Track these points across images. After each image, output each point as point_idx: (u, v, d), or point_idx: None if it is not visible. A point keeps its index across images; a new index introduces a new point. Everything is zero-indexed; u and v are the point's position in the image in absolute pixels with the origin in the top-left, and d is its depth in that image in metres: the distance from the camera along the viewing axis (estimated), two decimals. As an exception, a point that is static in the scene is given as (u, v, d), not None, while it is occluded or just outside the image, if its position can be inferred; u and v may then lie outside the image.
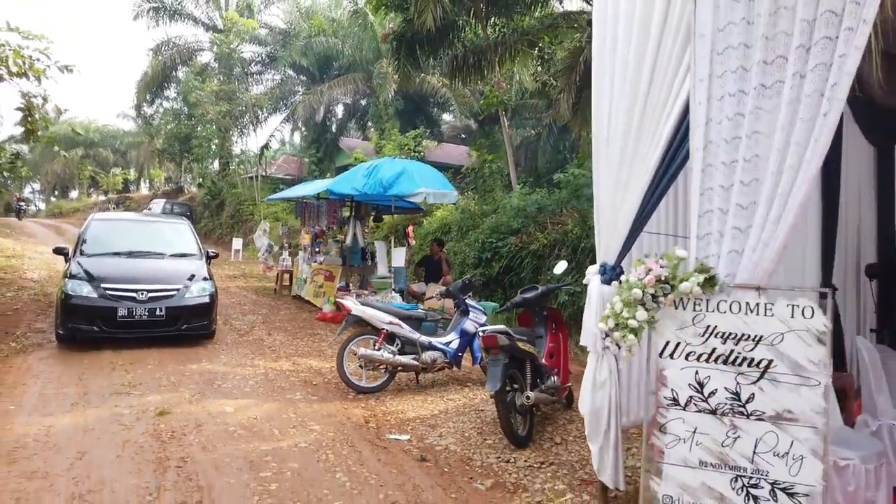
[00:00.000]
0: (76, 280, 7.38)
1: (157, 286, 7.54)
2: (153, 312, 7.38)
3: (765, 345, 2.84)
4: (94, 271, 7.51)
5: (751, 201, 2.91)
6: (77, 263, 7.68)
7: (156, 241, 8.72)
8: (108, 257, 7.98)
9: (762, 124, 2.88)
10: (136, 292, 7.39)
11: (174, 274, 7.88)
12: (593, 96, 3.77)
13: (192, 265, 8.24)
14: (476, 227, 12.05)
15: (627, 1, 3.47)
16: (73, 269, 7.57)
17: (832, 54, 2.70)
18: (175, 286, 7.66)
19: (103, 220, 9.19)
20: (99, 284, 7.34)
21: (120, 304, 7.26)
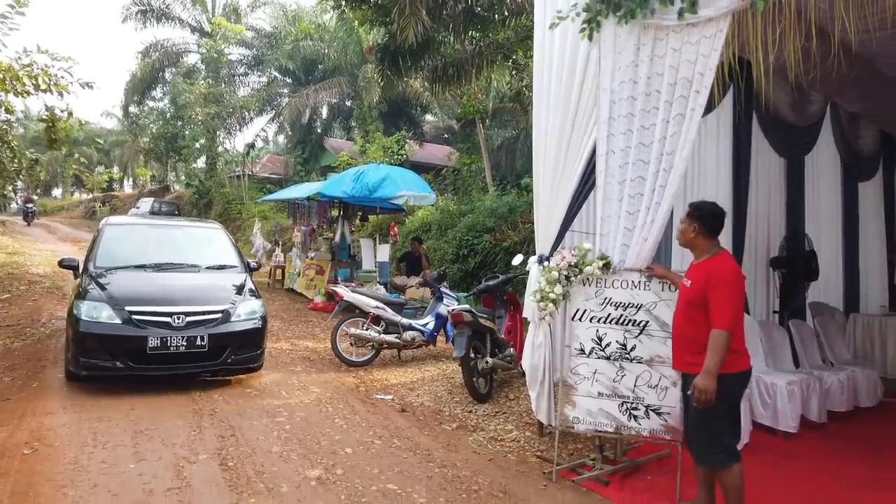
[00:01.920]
0: (92, 302, 5.72)
1: (197, 308, 5.92)
2: (193, 342, 5.75)
3: (644, 310, 4.02)
4: (115, 290, 5.89)
5: (635, 209, 4.08)
6: (92, 280, 6.06)
7: (186, 250, 7.10)
8: (130, 272, 6.32)
9: (642, 154, 4.05)
10: (171, 317, 5.75)
11: (216, 292, 6.30)
12: (533, 127, 4.94)
13: (234, 280, 6.63)
14: (454, 225, 13.19)
15: (557, 61, 4.64)
16: (88, 288, 5.92)
17: (685, 107, 3.88)
18: (219, 308, 6.04)
19: (120, 225, 7.51)
20: (123, 307, 5.70)
21: (151, 333, 5.64)
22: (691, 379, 3.38)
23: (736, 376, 3.39)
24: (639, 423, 4.03)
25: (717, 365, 3.23)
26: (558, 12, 4.36)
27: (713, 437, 3.40)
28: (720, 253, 3.50)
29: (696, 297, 3.39)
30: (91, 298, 5.80)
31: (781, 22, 3.76)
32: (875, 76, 6.21)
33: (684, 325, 3.46)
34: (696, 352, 3.35)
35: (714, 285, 3.31)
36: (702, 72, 3.81)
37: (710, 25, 3.78)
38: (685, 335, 3.45)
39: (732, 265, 3.44)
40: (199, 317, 5.90)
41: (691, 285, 3.46)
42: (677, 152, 3.91)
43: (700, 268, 3.47)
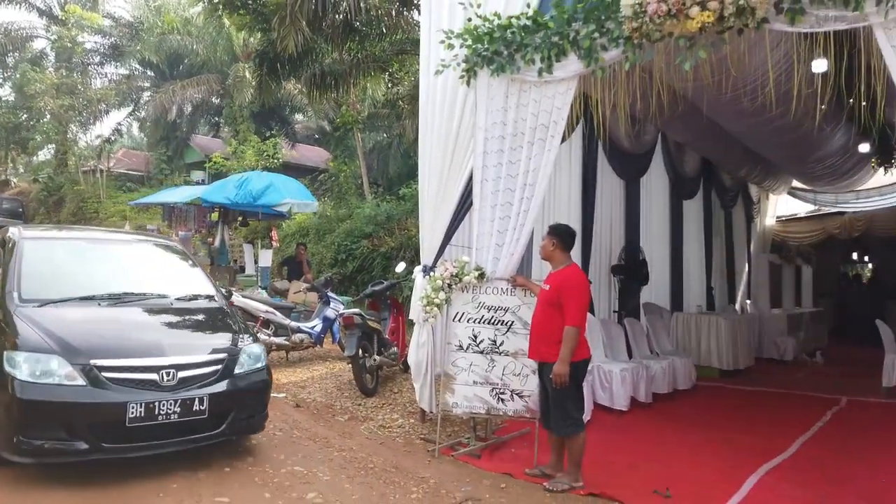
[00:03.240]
0: (37, 354, 3.98)
1: (190, 358, 4.32)
2: (189, 407, 4.12)
3: (510, 312, 4.90)
4: (66, 334, 4.14)
5: (504, 228, 4.95)
6: (24, 319, 4.22)
7: (141, 274, 5.31)
8: (78, 306, 4.52)
9: (510, 184, 4.93)
10: (157, 372, 4.09)
11: (204, 333, 4.85)
12: (420, 154, 5.69)
13: (217, 315, 5.04)
14: (332, 230, 13.67)
15: (440, 98, 5.42)
16: (23, 331, 4.13)
17: (544, 147, 4.80)
18: (216, 356, 4.45)
19: (42, 240, 5.42)
20: (86, 360, 3.99)
21: (131, 397, 3.98)
22: (545, 366, 4.31)
23: (582, 363, 4.37)
24: (505, 406, 4.90)
25: (570, 354, 4.17)
26: (442, 61, 5.13)
27: (566, 412, 4.33)
28: (571, 265, 4.49)
29: (553, 298, 4.33)
30: (32, 347, 3.98)
31: (615, 84, 4.78)
32: (696, 113, 7.60)
33: (542, 321, 4.39)
34: (551, 343, 4.28)
35: (567, 290, 4.26)
36: (556, 120, 4.75)
37: (562, 83, 4.73)
38: (543, 330, 4.37)
39: (581, 274, 4.47)
40: (194, 370, 4.24)
41: (549, 289, 4.39)
42: (538, 183, 4.82)
43: (556, 276, 4.42)
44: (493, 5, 5.05)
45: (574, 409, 4.38)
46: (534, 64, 4.71)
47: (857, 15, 3.64)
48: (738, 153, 10.16)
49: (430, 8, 5.64)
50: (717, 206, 11.59)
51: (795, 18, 3.80)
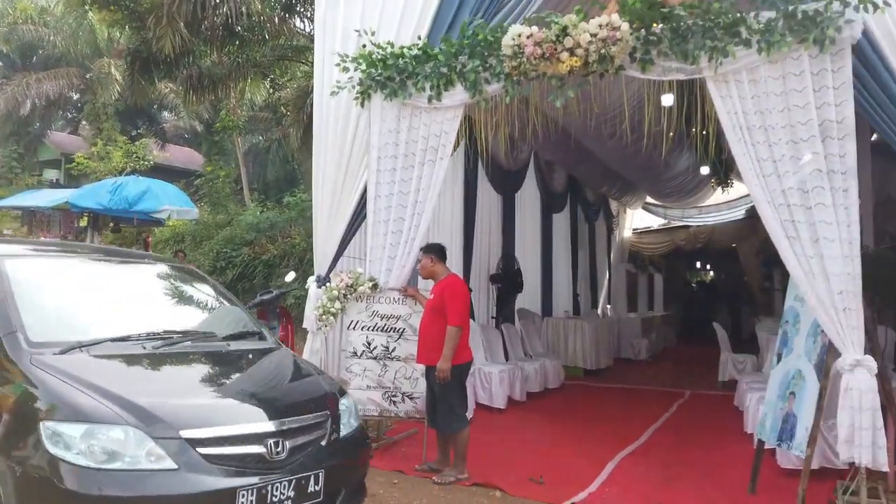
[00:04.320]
0: (98, 426, 2.72)
1: (293, 422, 3.15)
2: (303, 489, 3.06)
3: (402, 320, 5.27)
4: (131, 395, 2.90)
5: (396, 242, 5.32)
6: (57, 375, 2.93)
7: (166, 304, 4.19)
8: (118, 351, 3.30)
9: (402, 200, 5.31)
10: (263, 443, 2.96)
11: (288, 385, 3.68)
12: (314, 167, 5.93)
13: (286, 358, 3.94)
14: (211, 237, 13.34)
15: (334, 115, 5.70)
16: (64, 392, 2.85)
17: (433, 167, 5.22)
18: (318, 416, 3.33)
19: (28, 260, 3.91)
20: (173, 431, 2.78)
21: (240, 481, 2.84)
22: (431, 369, 4.76)
23: (465, 365, 4.85)
24: (397, 408, 5.26)
25: (452, 352, 4.64)
26: (337, 82, 5.42)
27: (451, 411, 4.77)
28: (451, 274, 5.00)
29: (437, 305, 4.81)
30: (87, 414, 2.72)
31: (497, 112, 5.31)
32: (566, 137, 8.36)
33: (428, 328, 4.83)
34: (436, 347, 4.73)
35: (448, 295, 4.75)
36: (444, 143, 5.20)
37: (450, 110, 5.18)
38: (429, 335, 4.80)
39: (461, 281, 5.05)
40: (303, 437, 3.15)
41: (434, 298, 4.86)
42: (428, 200, 5.24)
43: (439, 285, 4.93)
44: (385, 34, 5.41)
45: (458, 407, 4.83)
46: (424, 91, 5.12)
47: (694, 68, 4.38)
48: (601, 172, 11.22)
49: (325, 31, 5.91)
50: (581, 219, 12.67)
51: (646, 67, 4.50)
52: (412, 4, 5.45)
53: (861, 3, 3.92)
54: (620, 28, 4.33)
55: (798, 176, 4.12)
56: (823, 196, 4.03)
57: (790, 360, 4.67)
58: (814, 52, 4.04)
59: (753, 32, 4.13)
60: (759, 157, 4.23)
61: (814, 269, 4.06)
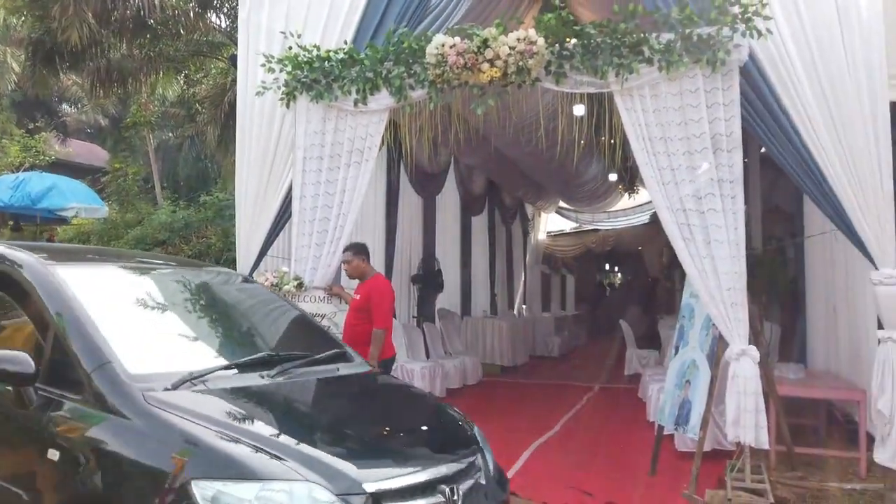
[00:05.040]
0: (276, 483, 2.19)
1: (454, 463, 2.70)
2: None
3: (327, 318, 5.36)
4: (296, 442, 2.41)
5: (322, 241, 5.41)
6: (190, 418, 2.39)
7: (245, 322, 3.76)
8: (236, 384, 2.81)
9: (328, 201, 5.40)
10: (437, 490, 2.48)
11: (420, 417, 3.28)
12: (237, 166, 5.92)
13: (392, 381, 3.96)
14: (120, 237, 12.81)
15: (258, 114, 5.72)
16: (224, 448, 2.27)
17: (359, 169, 5.36)
18: (469, 455, 2.85)
19: (85, 271, 3.35)
20: (355, 486, 2.27)
21: None
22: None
23: (388, 360, 5.03)
24: (321, 404, 5.34)
25: (378, 353, 4.78)
26: (263, 82, 5.45)
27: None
28: (377, 274, 5.16)
29: (362, 305, 4.96)
30: (265, 472, 2.22)
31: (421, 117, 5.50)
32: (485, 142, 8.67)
33: (353, 326, 4.97)
34: (361, 345, 4.84)
35: (375, 297, 4.90)
36: (370, 146, 5.34)
37: (375, 114, 5.33)
38: (354, 333, 4.93)
39: (387, 283, 5.19)
40: (467, 480, 2.69)
41: (361, 298, 4.99)
42: (353, 201, 5.36)
43: (365, 285, 5.06)
44: (310, 37, 5.50)
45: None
46: (350, 95, 5.24)
47: (603, 82, 4.75)
48: (518, 177, 11.67)
49: (248, 30, 5.92)
50: (499, 222, 13.10)
51: (560, 80, 4.83)
52: (337, 9, 5.57)
53: (748, 30, 4.40)
54: (537, 43, 4.63)
55: (694, 184, 4.56)
56: (715, 202, 4.48)
57: (686, 352, 5.14)
58: (707, 71, 4.49)
59: (655, 52, 4.53)
60: (660, 165, 4.64)
61: (706, 268, 4.50)
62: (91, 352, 2.62)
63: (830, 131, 4.52)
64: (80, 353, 2.61)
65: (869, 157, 4.48)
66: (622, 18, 4.58)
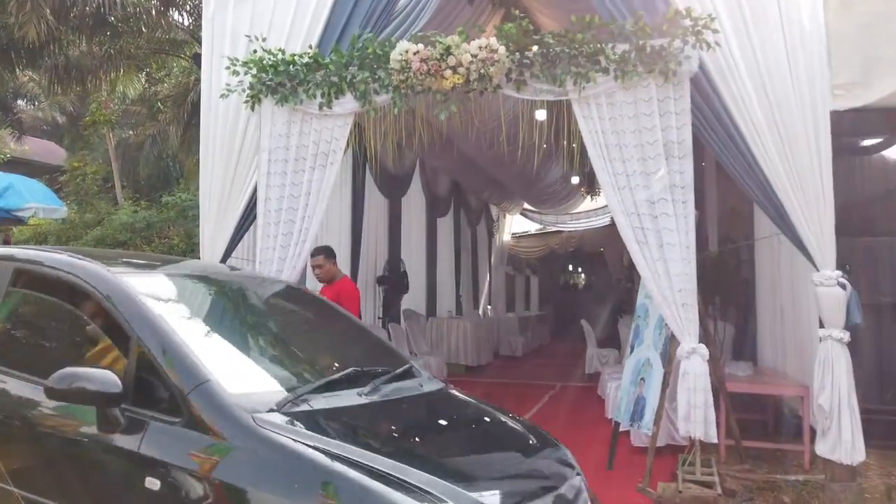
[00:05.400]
0: None
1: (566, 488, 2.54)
2: None
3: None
4: (447, 478, 2.18)
5: (287, 244, 5.45)
6: (335, 451, 2.15)
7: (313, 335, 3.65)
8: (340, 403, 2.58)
9: (293, 203, 5.45)
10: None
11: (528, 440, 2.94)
12: (201, 167, 5.93)
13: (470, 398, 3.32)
14: (79, 237, 12.58)
15: (223, 115, 5.74)
16: (368, 486, 2.04)
17: (324, 172, 5.42)
18: (576, 475, 2.73)
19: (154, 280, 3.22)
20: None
21: None
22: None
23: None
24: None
25: None
26: (227, 85, 5.47)
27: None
28: (344, 277, 5.22)
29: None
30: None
31: (386, 121, 5.60)
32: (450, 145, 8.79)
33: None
34: None
35: (343, 300, 4.96)
36: (335, 149, 5.41)
37: (340, 118, 5.40)
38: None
39: (354, 285, 5.22)
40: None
41: (330, 300, 5.03)
42: (318, 204, 5.42)
43: (334, 287, 5.13)
44: (275, 41, 5.55)
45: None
46: (315, 98, 5.30)
47: (562, 90, 4.91)
48: (482, 179, 11.83)
49: (213, 32, 5.93)
50: (464, 223, 13.26)
51: (520, 88, 4.97)
52: (302, 14, 5.62)
53: (698, 42, 4.61)
54: (498, 51, 4.76)
55: (648, 189, 4.75)
56: (667, 207, 4.68)
57: (641, 350, 5.33)
58: (660, 81, 4.68)
59: (611, 62, 4.70)
60: (615, 171, 4.82)
61: (659, 271, 4.69)
62: (186, 370, 2.38)
63: (775, 139, 4.77)
64: (173, 372, 2.37)
65: (811, 164, 4.74)
66: (579, 29, 4.75)
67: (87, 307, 2.80)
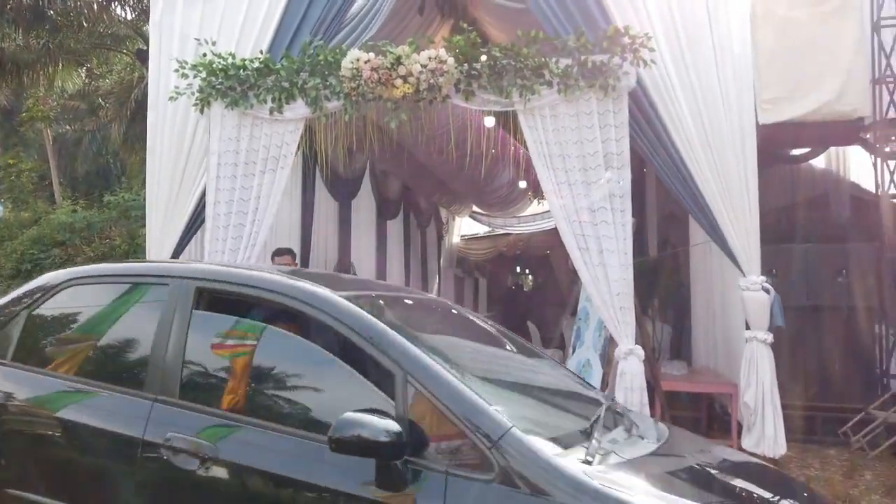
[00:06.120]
0: None
1: None
2: None
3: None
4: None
5: (237, 247, 5.47)
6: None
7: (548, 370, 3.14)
8: (641, 463, 2.19)
9: (243, 207, 5.47)
10: None
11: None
12: (148, 168, 5.89)
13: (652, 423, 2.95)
14: (13, 237, 12.15)
15: (171, 117, 5.72)
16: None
17: (274, 175, 5.45)
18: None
19: (380, 302, 2.75)
20: None
21: None
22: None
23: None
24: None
25: None
26: (176, 87, 5.45)
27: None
28: None
29: None
30: None
31: (337, 127, 5.67)
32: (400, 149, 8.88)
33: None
34: None
35: None
36: (285, 154, 5.46)
37: (291, 122, 5.45)
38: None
39: None
40: None
41: None
42: (269, 208, 5.46)
43: None
44: (225, 45, 5.56)
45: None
46: (266, 103, 5.34)
47: (508, 102, 5.09)
48: (432, 182, 11.96)
49: (161, 33, 5.90)
50: (414, 226, 13.36)
51: (468, 98, 5.13)
52: (253, 18, 5.65)
53: (635, 59, 4.87)
54: (447, 62, 4.91)
55: (588, 198, 4.98)
56: (606, 215, 4.92)
57: (582, 351, 5.58)
58: (600, 95, 4.92)
59: (555, 76, 4.92)
60: (559, 180, 5.03)
61: (598, 276, 4.93)
62: (482, 414, 2.03)
63: (706, 151, 5.08)
64: (468, 417, 2.02)
65: (738, 175, 5.07)
66: (525, 43, 4.95)
67: (323, 340, 2.38)
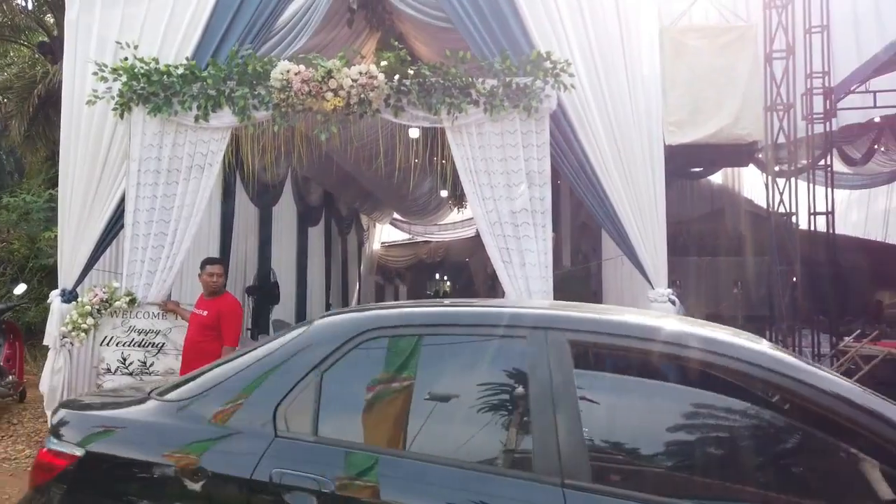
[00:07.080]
0: None
1: None
2: None
3: (162, 335, 5.30)
4: None
5: (157, 256, 5.34)
6: None
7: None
8: None
9: (165, 215, 5.34)
10: None
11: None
12: (61, 172, 5.64)
13: None
14: None
15: (86, 121, 5.50)
16: None
17: (199, 183, 5.36)
18: None
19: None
20: None
21: None
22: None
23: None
24: (154, 421, 5.26)
25: None
26: (94, 91, 5.26)
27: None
28: (227, 292, 5.18)
29: (212, 322, 4.91)
30: None
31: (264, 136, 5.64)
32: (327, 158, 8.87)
33: (200, 343, 4.89)
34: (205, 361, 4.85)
35: (226, 316, 4.91)
36: (211, 162, 5.38)
37: (217, 131, 5.38)
38: (201, 350, 4.88)
39: (237, 302, 5.20)
40: None
41: (207, 315, 4.95)
42: (192, 216, 5.36)
43: (216, 303, 4.99)
44: (146, 50, 5.42)
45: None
46: (190, 111, 5.25)
47: (436, 118, 5.26)
48: (355, 189, 11.99)
49: (77, 37, 5.65)
50: (335, 232, 13.32)
51: (398, 113, 5.26)
52: (177, 23, 5.54)
53: (556, 83, 5.15)
54: (377, 77, 5.02)
55: (514, 213, 5.21)
56: (528, 229, 5.17)
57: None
58: (523, 116, 5.18)
59: (481, 95, 5.13)
60: (484, 195, 5.24)
61: (521, 287, 5.17)
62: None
63: (619, 169, 5.43)
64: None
65: (648, 191, 5.45)
66: (453, 63, 5.13)
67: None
